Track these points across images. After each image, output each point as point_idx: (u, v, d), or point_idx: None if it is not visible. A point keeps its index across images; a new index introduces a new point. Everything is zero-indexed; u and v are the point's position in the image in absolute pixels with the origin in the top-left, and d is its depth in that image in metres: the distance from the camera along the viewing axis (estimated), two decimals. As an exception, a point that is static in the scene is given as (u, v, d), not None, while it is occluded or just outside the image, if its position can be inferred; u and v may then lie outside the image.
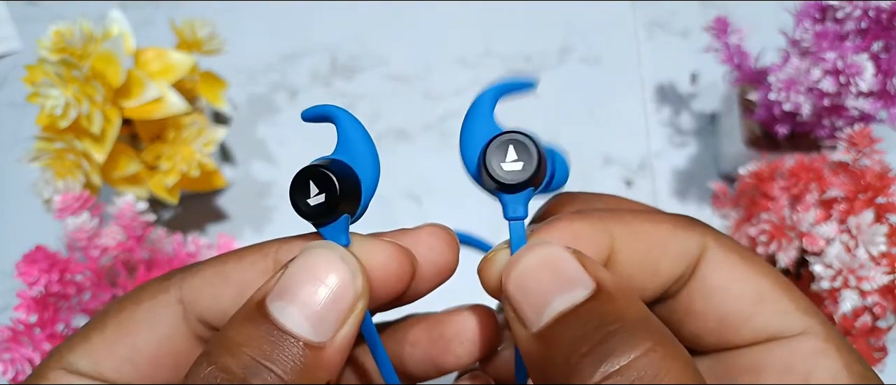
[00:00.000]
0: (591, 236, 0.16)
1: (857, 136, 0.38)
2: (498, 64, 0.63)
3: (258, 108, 0.62)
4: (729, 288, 0.16)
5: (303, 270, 0.15)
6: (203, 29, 0.51)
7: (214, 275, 0.16)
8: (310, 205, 0.15)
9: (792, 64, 0.44)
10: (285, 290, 0.14)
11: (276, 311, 0.14)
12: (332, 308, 0.14)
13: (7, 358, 0.37)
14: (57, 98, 0.43)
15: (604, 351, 0.13)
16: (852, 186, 0.37)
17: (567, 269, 0.14)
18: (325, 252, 0.15)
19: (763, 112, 0.49)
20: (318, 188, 0.15)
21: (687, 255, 0.16)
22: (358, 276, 0.15)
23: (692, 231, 0.16)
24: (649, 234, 0.16)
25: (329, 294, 0.14)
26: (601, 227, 0.16)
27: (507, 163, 0.16)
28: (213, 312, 0.16)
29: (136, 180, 0.50)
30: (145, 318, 0.16)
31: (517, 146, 0.16)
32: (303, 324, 0.14)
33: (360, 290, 0.15)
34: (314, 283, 0.14)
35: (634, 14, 0.65)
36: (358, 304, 0.15)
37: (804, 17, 0.44)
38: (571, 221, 0.16)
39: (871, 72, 0.41)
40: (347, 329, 0.15)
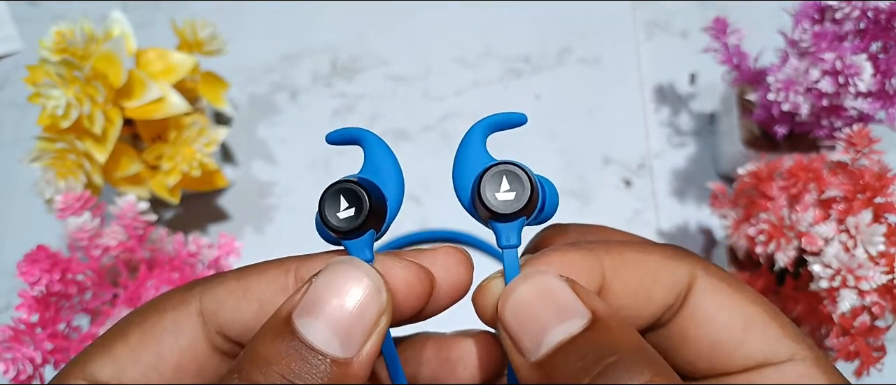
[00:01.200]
0: (583, 267, 0.16)
1: (855, 137, 0.38)
2: (498, 64, 0.63)
3: (259, 108, 0.62)
4: (719, 316, 0.16)
5: (329, 285, 0.15)
6: (204, 29, 0.51)
7: (236, 288, 0.17)
8: (339, 218, 0.16)
9: (790, 64, 0.45)
10: (311, 306, 0.15)
11: (303, 327, 0.14)
12: (358, 323, 0.15)
13: (8, 357, 0.37)
14: (58, 98, 0.43)
15: (606, 379, 0.13)
16: (851, 186, 0.37)
17: (563, 298, 0.15)
18: (350, 267, 0.15)
19: (762, 112, 0.49)
20: (349, 203, 0.16)
21: (677, 284, 0.17)
22: (382, 291, 0.15)
23: (682, 261, 0.17)
24: (640, 265, 0.17)
25: (355, 309, 0.15)
26: (593, 257, 0.17)
27: (501, 192, 0.16)
28: (234, 326, 0.17)
29: (138, 180, 0.50)
30: (169, 328, 0.16)
31: (510, 176, 0.16)
32: (330, 340, 0.14)
33: (384, 305, 0.15)
34: (340, 298, 0.15)
35: (634, 14, 0.65)
36: (382, 319, 0.15)
37: (803, 18, 0.45)
38: (564, 252, 0.17)
39: (869, 72, 0.41)
40: (372, 344, 0.15)
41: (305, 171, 0.58)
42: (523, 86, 0.62)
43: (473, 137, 0.17)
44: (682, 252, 0.17)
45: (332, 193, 0.16)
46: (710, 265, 0.17)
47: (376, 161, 0.17)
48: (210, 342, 0.17)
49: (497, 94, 0.62)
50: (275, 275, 0.17)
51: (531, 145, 0.58)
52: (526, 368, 0.15)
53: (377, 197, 0.16)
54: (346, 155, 0.58)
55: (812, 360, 0.16)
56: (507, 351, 0.15)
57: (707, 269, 0.17)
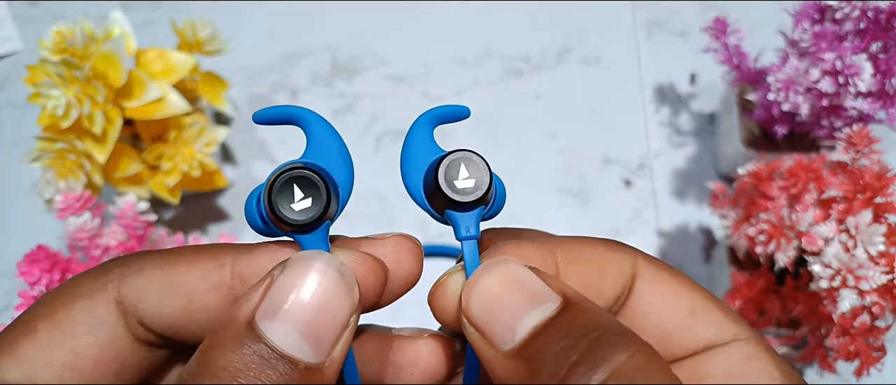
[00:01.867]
0: (538, 259, 0.16)
1: (855, 137, 0.38)
2: (498, 64, 0.63)
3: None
4: (664, 303, 0.17)
5: (294, 283, 0.13)
6: (204, 29, 0.51)
7: (160, 279, 0.15)
8: (295, 211, 0.14)
9: (791, 64, 0.45)
10: (276, 307, 0.13)
11: (269, 330, 0.13)
12: (331, 325, 0.13)
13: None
14: (58, 98, 0.43)
15: (595, 357, 0.13)
16: (851, 186, 0.37)
17: (530, 284, 0.14)
18: (318, 263, 0.14)
19: (762, 112, 0.49)
20: (304, 193, 0.14)
21: (623, 275, 0.17)
22: (354, 288, 0.14)
23: (624, 252, 0.17)
24: (588, 258, 0.17)
25: (326, 309, 0.13)
26: (546, 250, 0.16)
27: (461, 180, 0.15)
28: (156, 320, 0.15)
29: (138, 180, 0.50)
30: (84, 321, 0.15)
31: (468, 163, 0.15)
32: (300, 344, 0.13)
33: (356, 304, 0.14)
34: (308, 298, 0.13)
35: (634, 14, 0.65)
36: (353, 318, 0.14)
37: (803, 18, 0.45)
38: (518, 246, 0.16)
39: (869, 72, 0.41)
40: (343, 345, 0.14)
41: (305, 171, 0.58)
42: (523, 86, 0.62)
43: (419, 130, 0.17)
44: (621, 245, 0.17)
45: (283, 183, 0.14)
46: (648, 256, 0.17)
47: (321, 143, 0.15)
48: (131, 333, 0.15)
49: (497, 94, 0.62)
50: (207, 269, 0.15)
51: (531, 145, 0.58)
52: (499, 359, 0.14)
53: (331, 185, 0.15)
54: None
55: (754, 340, 0.16)
56: (476, 346, 0.15)
57: (647, 260, 0.17)
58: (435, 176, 0.15)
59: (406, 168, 0.16)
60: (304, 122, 0.16)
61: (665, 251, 0.55)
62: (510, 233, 0.18)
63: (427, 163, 0.16)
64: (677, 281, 0.17)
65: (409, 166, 0.16)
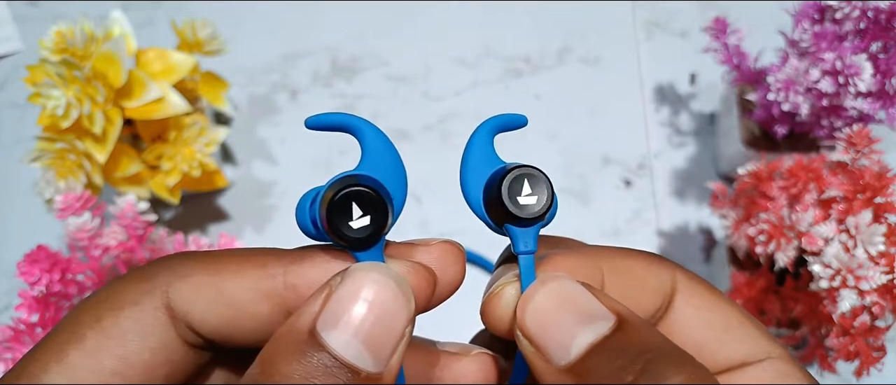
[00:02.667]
0: (587, 272, 0.16)
1: (855, 137, 0.38)
2: (498, 64, 0.63)
3: (259, 108, 0.62)
4: (701, 319, 0.17)
5: (356, 295, 0.14)
6: (204, 29, 0.51)
7: (207, 286, 0.15)
8: (353, 228, 0.14)
9: (791, 64, 0.45)
10: (338, 317, 0.14)
11: (331, 340, 0.13)
12: (389, 335, 0.14)
13: (9, 357, 0.37)
14: (58, 98, 0.43)
15: (650, 377, 0.13)
16: (851, 186, 0.37)
17: (584, 302, 0.15)
18: (378, 275, 0.14)
19: (762, 112, 0.49)
20: (363, 210, 0.14)
21: (662, 288, 0.17)
22: (411, 299, 0.14)
23: (663, 266, 0.17)
24: (631, 270, 0.17)
25: (386, 319, 0.14)
26: (592, 263, 0.17)
27: (523, 196, 0.16)
28: (205, 326, 0.15)
29: (138, 180, 0.50)
30: (132, 327, 0.15)
31: (532, 180, 0.16)
32: (362, 354, 0.13)
33: (412, 314, 0.14)
34: (369, 308, 0.14)
35: (634, 14, 0.65)
36: (407, 328, 0.14)
37: (803, 18, 0.45)
38: (566, 258, 0.16)
39: (869, 72, 0.41)
40: (400, 355, 0.14)
41: (306, 172, 0.58)
42: (523, 86, 0.62)
43: (480, 139, 0.17)
44: (661, 258, 0.18)
45: (342, 198, 0.14)
46: (687, 270, 0.17)
47: (376, 155, 0.15)
48: (180, 337, 0.15)
49: (497, 94, 0.62)
50: (256, 278, 0.15)
51: (531, 145, 0.58)
52: (554, 374, 0.14)
53: (389, 199, 0.15)
54: (348, 155, 0.58)
55: (786, 358, 0.16)
56: (530, 359, 0.15)
57: (686, 274, 0.17)
58: (498, 189, 0.16)
59: (465, 177, 0.17)
60: (359, 133, 0.15)
61: (665, 251, 0.55)
62: (550, 242, 0.18)
63: (487, 173, 0.16)
64: (714, 297, 0.17)
65: (468, 175, 0.17)
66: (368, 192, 0.14)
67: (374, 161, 0.15)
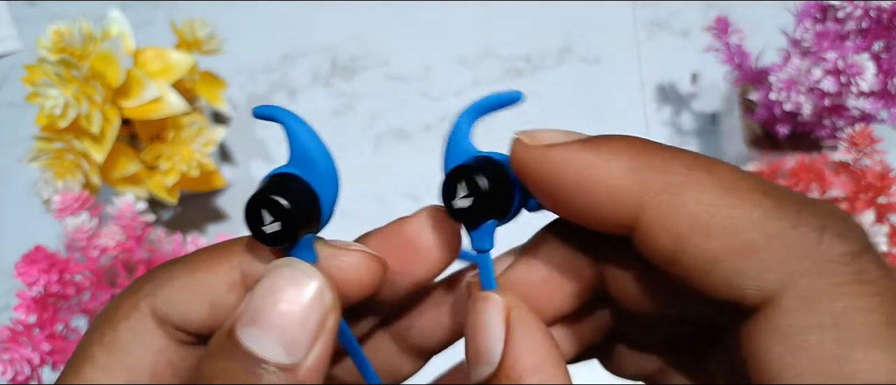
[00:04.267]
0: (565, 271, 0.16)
1: (857, 136, 0.38)
2: (498, 64, 0.63)
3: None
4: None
5: (269, 292, 0.14)
6: (202, 29, 0.51)
7: (184, 286, 0.16)
8: (266, 233, 0.15)
9: (793, 64, 0.44)
10: (254, 316, 0.14)
11: (247, 338, 0.14)
12: (303, 328, 0.14)
13: (6, 358, 0.36)
14: (56, 98, 0.43)
15: None
16: (853, 186, 0.37)
17: (484, 340, 0.15)
18: (290, 271, 0.15)
19: (764, 112, 0.49)
20: (273, 216, 0.14)
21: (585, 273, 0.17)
22: (326, 291, 0.15)
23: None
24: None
25: (297, 314, 0.14)
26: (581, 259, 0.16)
27: (459, 199, 0.15)
28: (190, 325, 0.16)
29: (136, 180, 0.50)
30: (130, 339, 0.16)
31: (469, 180, 0.15)
32: (275, 348, 0.14)
33: (328, 306, 0.15)
34: (281, 304, 0.14)
35: (635, 14, 0.65)
36: (328, 319, 0.15)
37: (805, 17, 0.44)
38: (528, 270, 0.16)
39: (871, 71, 0.41)
40: (321, 346, 0.14)
41: (305, 171, 0.58)
42: (524, 85, 0.62)
43: (458, 128, 0.16)
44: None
45: (253, 208, 0.15)
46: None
47: (301, 148, 0.15)
48: (175, 339, 0.16)
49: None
50: (223, 271, 0.16)
51: (531, 145, 0.58)
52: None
53: (305, 201, 0.15)
54: (347, 154, 0.58)
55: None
56: None
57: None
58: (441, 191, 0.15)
59: (444, 167, 0.16)
60: (284, 126, 0.15)
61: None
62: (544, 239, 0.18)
63: (456, 163, 0.16)
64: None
65: (445, 166, 0.16)
66: (272, 200, 0.14)
67: (299, 156, 0.15)
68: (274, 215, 0.14)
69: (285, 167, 0.15)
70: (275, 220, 0.15)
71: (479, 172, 0.15)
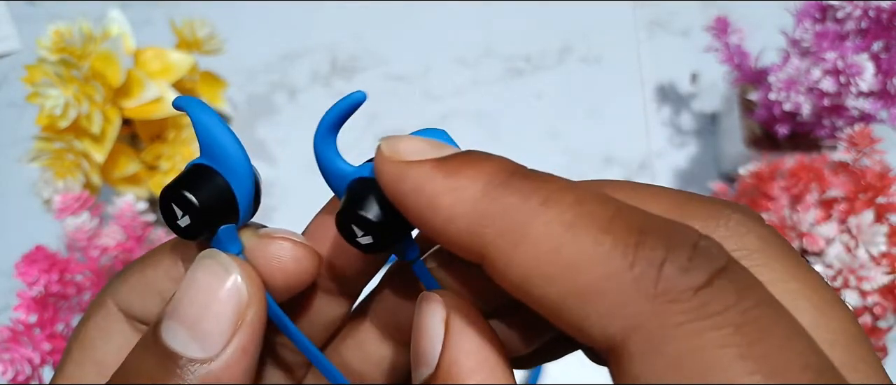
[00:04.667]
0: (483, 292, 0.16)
1: (857, 136, 0.38)
2: (498, 63, 0.63)
3: (258, 107, 0.62)
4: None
5: (186, 286, 0.14)
6: (202, 29, 0.51)
7: (138, 283, 0.16)
8: (180, 227, 0.15)
9: (792, 64, 0.44)
10: (173, 309, 0.14)
11: (166, 332, 0.14)
12: (216, 321, 0.14)
13: (7, 358, 0.36)
14: (56, 98, 0.43)
15: None
16: (853, 186, 0.37)
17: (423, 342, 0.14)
18: (207, 262, 0.15)
19: (763, 112, 0.49)
20: (182, 210, 0.14)
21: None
22: (242, 283, 0.14)
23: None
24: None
25: (211, 307, 0.14)
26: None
27: (360, 238, 0.14)
28: (148, 319, 0.16)
29: (136, 180, 0.50)
30: (97, 335, 0.16)
31: (357, 222, 0.14)
32: (189, 343, 0.14)
33: (244, 299, 0.14)
34: (195, 296, 0.14)
35: (635, 14, 0.65)
36: (247, 313, 0.14)
37: (804, 17, 0.44)
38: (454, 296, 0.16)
39: (871, 72, 0.41)
40: (239, 340, 0.14)
41: (305, 171, 0.58)
42: (524, 85, 0.62)
43: (322, 154, 0.15)
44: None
45: (164, 203, 0.14)
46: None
47: (209, 139, 0.15)
48: (138, 330, 0.16)
49: (497, 93, 0.62)
50: (168, 266, 0.16)
51: (532, 145, 0.58)
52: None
53: (213, 193, 0.15)
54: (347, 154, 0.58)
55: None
56: None
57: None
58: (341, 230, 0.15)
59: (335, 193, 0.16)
60: (189, 116, 0.15)
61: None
62: None
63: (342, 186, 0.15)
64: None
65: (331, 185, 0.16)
66: (178, 193, 0.14)
67: (209, 148, 0.15)
68: (183, 209, 0.14)
69: (198, 159, 0.15)
70: (184, 214, 0.14)
71: (366, 207, 0.14)
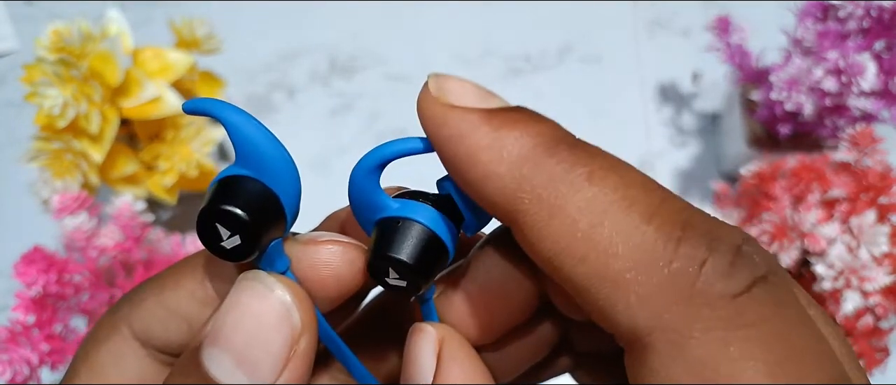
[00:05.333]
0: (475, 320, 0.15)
1: (859, 136, 0.38)
2: (498, 63, 0.63)
3: (257, 107, 0.61)
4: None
5: (229, 310, 0.13)
6: (201, 28, 0.51)
7: (156, 306, 0.15)
8: (227, 249, 0.13)
9: (794, 63, 0.44)
10: (217, 335, 0.13)
11: (209, 360, 0.13)
12: (265, 351, 0.13)
13: (5, 359, 0.36)
14: (55, 97, 0.42)
15: None
16: (854, 186, 0.37)
17: (415, 372, 0.14)
18: (253, 284, 0.13)
19: (765, 112, 0.48)
20: (230, 230, 0.13)
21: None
22: (294, 309, 0.13)
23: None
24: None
25: (260, 335, 0.13)
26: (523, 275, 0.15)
27: (391, 279, 0.14)
28: (168, 344, 0.15)
29: (135, 180, 0.49)
30: (110, 361, 0.15)
31: (396, 266, 0.13)
32: (234, 372, 0.13)
33: (297, 326, 0.13)
34: (242, 324, 0.13)
35: (635, 13, 0.65)
36: (301, 341, 0.13)
37: (806, 17, 0.44)
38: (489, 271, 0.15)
39: (873, 71, 0.41)
40: (292, 371, 0.13)
41: (304, 171, 0.58)
42: (524, 85, 0.62)
43: (362, 187, 0.14)
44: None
45: (205, 224, 0.13)
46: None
47: (246, 144, 0.13)
48: (156, 359, 0.16)
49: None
50: (191, 288, 0.15)
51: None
52: None
53: (264, 207, 0.13)
54: (347, 154, 0.58)
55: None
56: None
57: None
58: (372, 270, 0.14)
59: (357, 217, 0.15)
60: (224, 123, 0.13)
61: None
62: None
63: (372, 221, 0.14)
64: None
65: (358, 217, 0.15)
66: (227, 212, 0.12)
67: (247, 154, 0.13)
68: (230, 229, 0.13)
69: (234, 168, 0.13)
70: (233, 234, 0.13)
71: (409, 252, 0.13)
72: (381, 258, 0.13)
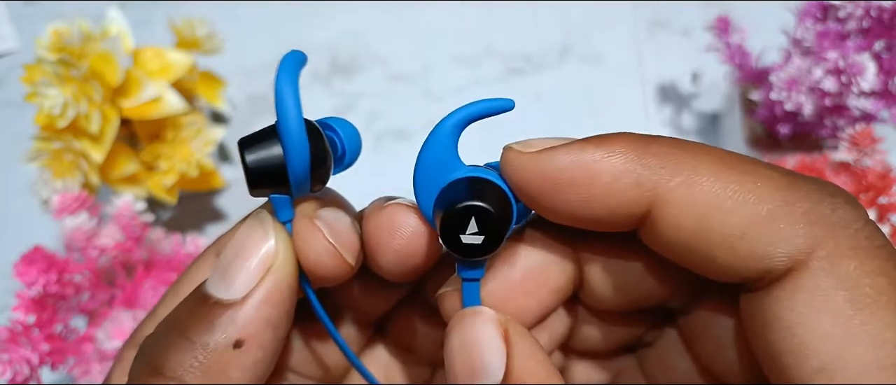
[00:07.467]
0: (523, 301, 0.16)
1: (858, 136, 0.38)
2: (498, 63, 0.63)
3: (257, 107, 0.61)
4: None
5: (229, 239, 0.15)
6: (202, 28, 0.51)
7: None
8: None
9: (794, 63, 0.44)
10: (217, 262, 0.15)
11: (208, 280, 0.15)
12: (242, 266, 0.14)
13: (5, 359, 0.36)
14: (55, 97, 0.42)
15: None
16: (854, 186, 0.37)
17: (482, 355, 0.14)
18: (250, 221, 0.15)
19: (765, 112, 0.48)
20: (242, 163, 0.14)
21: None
22: (274, 241, 0.15)
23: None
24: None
25: (240, 253, 0.15)
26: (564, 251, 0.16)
27: (467, 235, 0.14)
28: None
29: (135, 180, 0.49)
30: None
31: (479, 216, 0.14)
32: (218, 284, 0.14)
33: (271, 251, 0.15)
34: (233, 247, 0.15)
35: (635, 13, 0.65)
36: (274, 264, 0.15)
37: (806, 17, 0.44)
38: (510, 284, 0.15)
39: (872, 71, 0.41)
40: (264, 288, 0.14)
41: (304, 171, 0.58)
42: (524, 85, 0.62)
43: (439, 137, 0.14)
44: None
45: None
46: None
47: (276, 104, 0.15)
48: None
49: (498, 92, 0.61)
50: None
51: (532, 145, 0.58)
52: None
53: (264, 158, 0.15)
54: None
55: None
56: None
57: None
58: (440, 221, 0.14)
59: (419, 183, 0.15)
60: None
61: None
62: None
63: (441, 181, 0.14)
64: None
65: (422, 182, 0.15)
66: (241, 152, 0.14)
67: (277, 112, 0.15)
68: (242, 163, 0.14)
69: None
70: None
71: (492, 206, 0.14)
72: (463, 208, 0.14)
